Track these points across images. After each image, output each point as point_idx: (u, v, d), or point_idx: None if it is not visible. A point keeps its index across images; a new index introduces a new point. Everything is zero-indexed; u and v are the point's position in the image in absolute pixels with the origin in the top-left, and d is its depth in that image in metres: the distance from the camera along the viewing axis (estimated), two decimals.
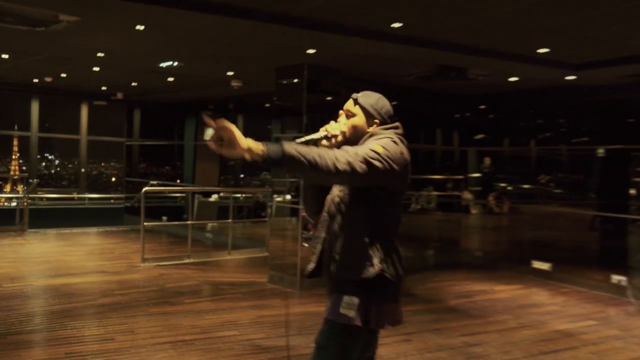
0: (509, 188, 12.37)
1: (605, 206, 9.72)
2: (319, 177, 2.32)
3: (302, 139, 2.49)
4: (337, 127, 2.62)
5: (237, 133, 2.14)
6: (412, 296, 7.55)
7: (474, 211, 12.35)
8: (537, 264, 9.08)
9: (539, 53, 7.14)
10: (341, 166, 2.22)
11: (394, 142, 2.49)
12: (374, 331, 2.56)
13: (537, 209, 11.38)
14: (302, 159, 2.16)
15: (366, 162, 2.29)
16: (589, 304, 7.52)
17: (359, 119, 2.62)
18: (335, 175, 2.24)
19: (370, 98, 2.65)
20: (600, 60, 7.35)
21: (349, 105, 2.66)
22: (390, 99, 2.75)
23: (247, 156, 2.15)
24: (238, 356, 5.05)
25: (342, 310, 2.45)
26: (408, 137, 2.64)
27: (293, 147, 2.17)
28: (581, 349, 5.64)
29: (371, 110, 2.62)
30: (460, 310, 6.97)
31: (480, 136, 11.99)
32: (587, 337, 6.01)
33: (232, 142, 2.13)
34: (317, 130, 2.63)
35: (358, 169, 2.25)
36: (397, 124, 2.66)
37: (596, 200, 10.33)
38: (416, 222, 11.77)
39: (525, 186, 12.28)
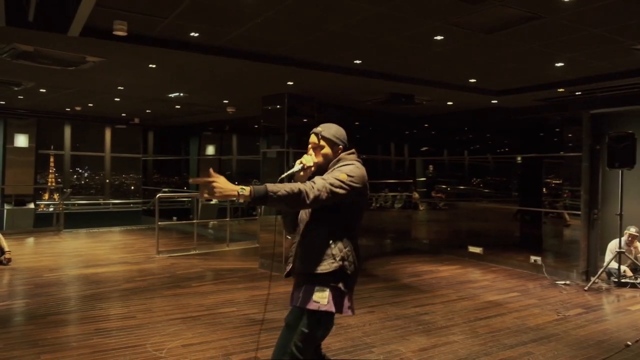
0: (448, 189, 12.49)
1: (524, 202, 9.87)
2: (294, 207, 2.43)
3: (285, 174, 2.53)
4: (310, 159, 2.59)
5: (223, 183, 2.15)
6: (375, 276, 7.57)
7: (421, 207, 12.42)
8: (472, 249, 9.17)
9: (469, 82, 7.21)
10: (309, 199, 2.29)
11: (357, 167, 2.51)
12: (333, 315, 2.52)
13: (471, 205, 11.51)
14: (281, 197, 2.22)
15: (330, 191, 2.35)
16: (513, 279, 7.60)
17: (327, 149, 2.60)
18: (307, 205, 2.32)
19: (331, 129, 2.62)
20: (516, 87, 7.42)
21: (314, 138, 2.62)
22: (354, 121, 2.80)
23: (240, 199, 2.18)
24: (236, 328, 5.02)
25: (315, 298, 2.42)
26: (369, 150, 2.70)
27: (273, 189, 2.21)
28: (507, 315, 5.70)
29: (334, 139, 2.60)
30: (412, 287, 6.99)
31: (425, 148, 12.09)
32: (512, 306, 6.08)
33: (220, 191, 2.14)
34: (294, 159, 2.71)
35: (323, 198, 2.33)
36: (352, 149, 2.66)
37: (517, 198, 10.48)
38: (376, 217, 11.80)
39: (461, 187, 12.41)
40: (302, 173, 2.56)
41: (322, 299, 2.41)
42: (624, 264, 7.13)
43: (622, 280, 7.03)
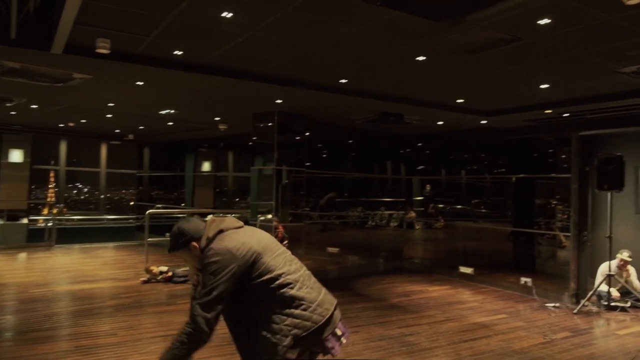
0: (448, 208, 12.50)
1: (517, 223, 9.84)
2: (203, 344, 2.19)
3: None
4: (192, 273, 2.42)
5: None
6: (363, 296, 7.51)
7: (417, 227, 12.40)
8: (463, 269, 9.09)
9: (457, 102, 7.24)
10: (204, 326, 2.14)
11: (213, 253, 2.23)
12: None
13: (466, 225, 11.49)
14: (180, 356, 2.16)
15: (207, 307, 2.16)
16: (502, 300, 7.52)
17: (186, 257, 2.38)
18: (210, 330, 2.16)
19: (170, 241, 2.39)
20: (504, 108, 7.46)
21: (179, 256, 2.42)
22: (347, 138, 2.73)
23: None
24: (217, 346, 4.92)
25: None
26: (364, 169, 2.52)
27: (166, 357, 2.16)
28: (493, 337, 5.62)
29: (181, 247, 2.35)
30: (400, 307, 6.92)
31: (421, 167, 12.11)
32: (499, 328, 6.00)
33: None
34: None
35: (211, 311, 2.15)
36: (209, 222, 2.37)
37: (513, 218, 10.45)
38: (371, 235, 11.80)
39: (458, 207, 12.42)
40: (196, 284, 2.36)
41: (290, 355, 2.20)
42: (614, 288, 7.07)
43: (612, 304, 6.96)
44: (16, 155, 12.34)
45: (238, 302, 2.26)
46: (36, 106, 8.55)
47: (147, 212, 9.18)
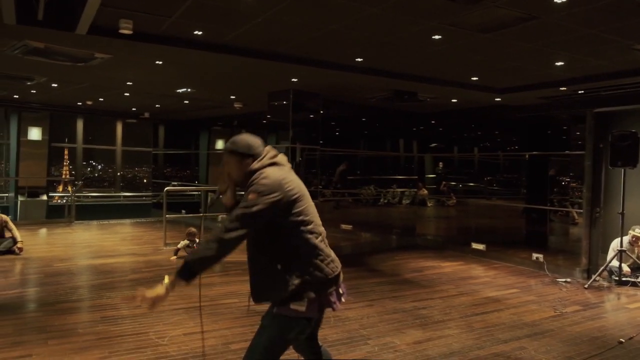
0: (460, 185, 12.56)
1: (530, 200, 9.91)
2: (226, 255, 2.30)
3: (209, 203, 2.55)
4: (223, 182, 2.53)
5: (150, 293, 2.30)
6: (377, 271, 7.67)
7: (429, 204, 12.51)
8: (475, 245, 9.21)
9: (471, 80, 7.27)
10: (231, 239, 2.24)
11: (265, 176, 2.34)
12: (309, 318, 2.42)
13: (479, 202, 11.56)
14: (204, 261, 2.30)
15: (242, 218, 2.25)
16: (514, 276, 7.64)
17: (234, 165, 2.46)
18: (233, 245, 2.27)
19: (233, 142, 2.48)
20: (518, 86, 7.47)
21: (225, 156, 2.50)
22: (360, 117, 2.80)
23: (170, 289, 2.30)
24: (236, 319, 5.15)
25: (292, 306, 2.36)
26: (377, 146, 2.63)
27: (192, 259, 2.31)
28: (504, 311, 5.76)
29: (238, 155, 2.45)
30: (413, 282, 7.07)
31: (434, 145, 12.15)
32: (510, 302, 6.13)
33: (155, 300, 2.31)
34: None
35: (240, 227, 2.25)
36: (267, 150, 2.48)
37: (526, 195, 10.50)
38: (383, 213, 11.90)
39: (471, 184, 12.48)
40: (222, 198, 2.54)
41: (300, 307, 2.35)
42: (626, 263, 7.18)
43: (623, 279, 7.07)
44: (35, 133, 12.57)
45: (266, 233, 2.37)
46: (56, 85, 8.70)
47: (165, 189, 9.37)
